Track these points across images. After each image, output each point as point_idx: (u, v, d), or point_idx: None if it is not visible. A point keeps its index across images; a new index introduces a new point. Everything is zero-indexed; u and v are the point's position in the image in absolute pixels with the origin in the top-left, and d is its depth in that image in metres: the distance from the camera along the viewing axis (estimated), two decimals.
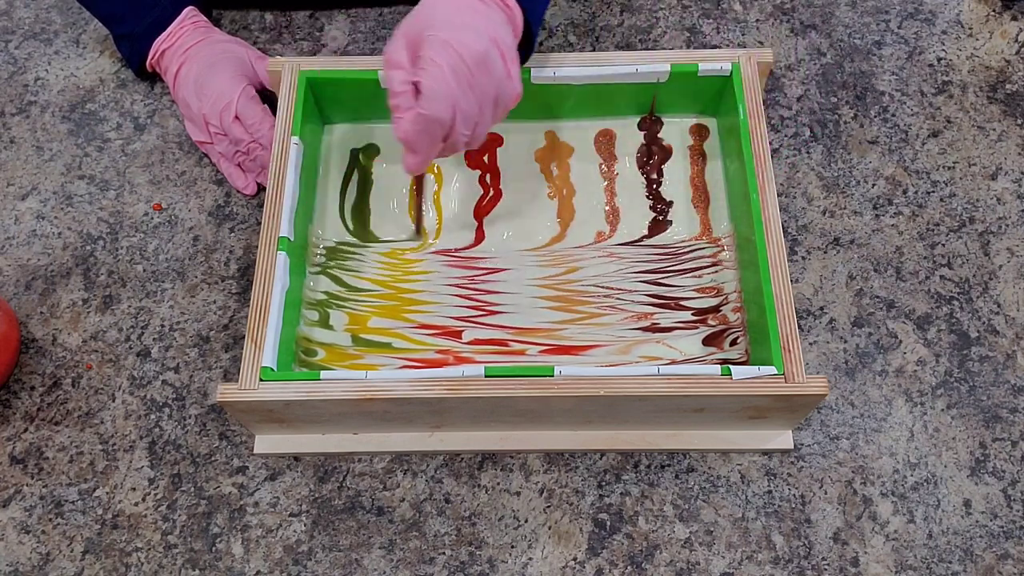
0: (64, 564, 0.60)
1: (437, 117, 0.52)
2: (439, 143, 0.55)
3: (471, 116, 0.54)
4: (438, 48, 0.51)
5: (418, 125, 0.53)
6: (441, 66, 0.51)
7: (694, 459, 0.62)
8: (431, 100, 0.52)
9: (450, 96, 0.52)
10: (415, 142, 0.54)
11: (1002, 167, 0.72)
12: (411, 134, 0.53)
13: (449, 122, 0.53)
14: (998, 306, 0.67)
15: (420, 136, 0.53)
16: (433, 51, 0.51)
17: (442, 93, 0.51)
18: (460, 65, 0.51)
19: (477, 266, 0.66)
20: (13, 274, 0.69)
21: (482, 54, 0.52)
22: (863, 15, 0.80)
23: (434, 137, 0.54)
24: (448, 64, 0.51)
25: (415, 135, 0.53)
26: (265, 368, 0.55)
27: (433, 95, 0.51)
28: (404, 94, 0.53)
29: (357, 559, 0.60)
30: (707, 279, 0.65)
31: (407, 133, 0.53)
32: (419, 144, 0.54)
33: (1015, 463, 0.62)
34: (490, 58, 0.52)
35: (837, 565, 0.59)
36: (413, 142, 0.54)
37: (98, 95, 0.77)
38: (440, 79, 0.51)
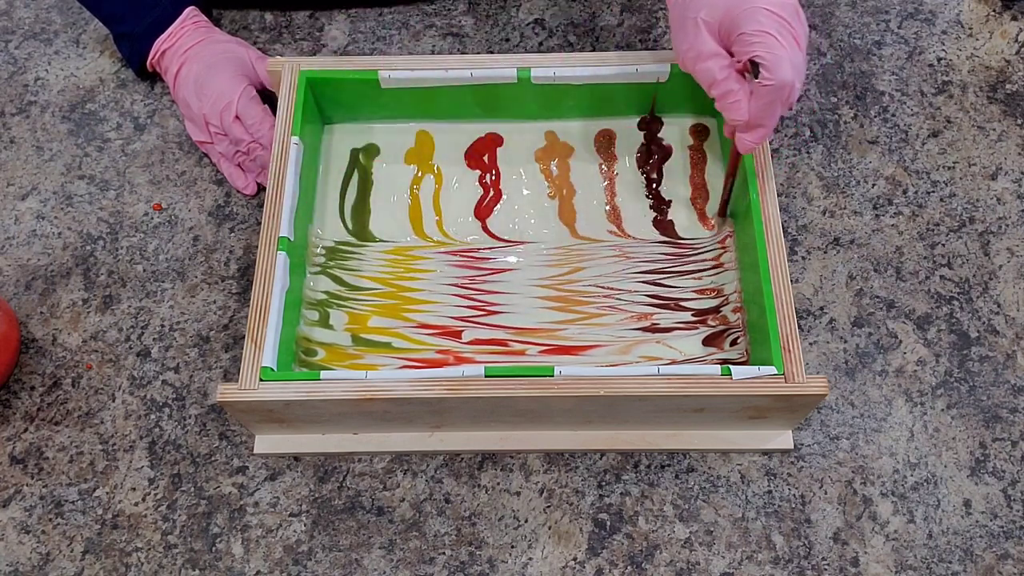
0: (64, 564, 0.60)
1: (784, 82, 0.51)
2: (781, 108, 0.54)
3: (803, 68, 0.53)
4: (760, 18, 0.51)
5: (766, 98, 0.52)
6: (771, 33, 0.51)
7: (694, 459, 0.62)
8: (776, 68, 0.51)
9: (790, 57, 0.51)
10: (762, 117, 0.54)
11: (1002, 167, 0.72)
12: (757, 110, 0.53)
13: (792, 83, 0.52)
14: (998, 306, 0.67)
15: (767, 108, 0.53)
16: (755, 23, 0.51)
17: (784, 57, 0.51)
18: (781, 25, 0.51)
19: (478, 266, 0.66)
20: (13, 274, 0.69)
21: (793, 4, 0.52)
22: (863, 15, 0.80)
23: (782, 103, 0.53)
24: (775, 28, 0.51)
25: (762, 109, 0.53)
26: (265, 368, 0.55)
27: (777, 62, 0.51)
28: (729, 79, 0.53)
29: (357, 559, 0.60)
30: (707, 280, 0.65)
31: (752, 112, 0.53)
32: (766, 117, 0.54)
33: (1015, 463, 0.62)
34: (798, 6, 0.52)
35: (837, 565, 0.59)
36: (760, 118, 0.54)
37: (98, 95, 0.77)
38: (776, 46, 0.51)
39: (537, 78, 0.65)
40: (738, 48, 0.53)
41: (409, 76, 0.65)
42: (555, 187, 0.69)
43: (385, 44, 0.79)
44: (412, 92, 0.67)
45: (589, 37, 0.79)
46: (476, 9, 0.81)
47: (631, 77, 0.66)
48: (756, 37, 0.51)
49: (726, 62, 0.54)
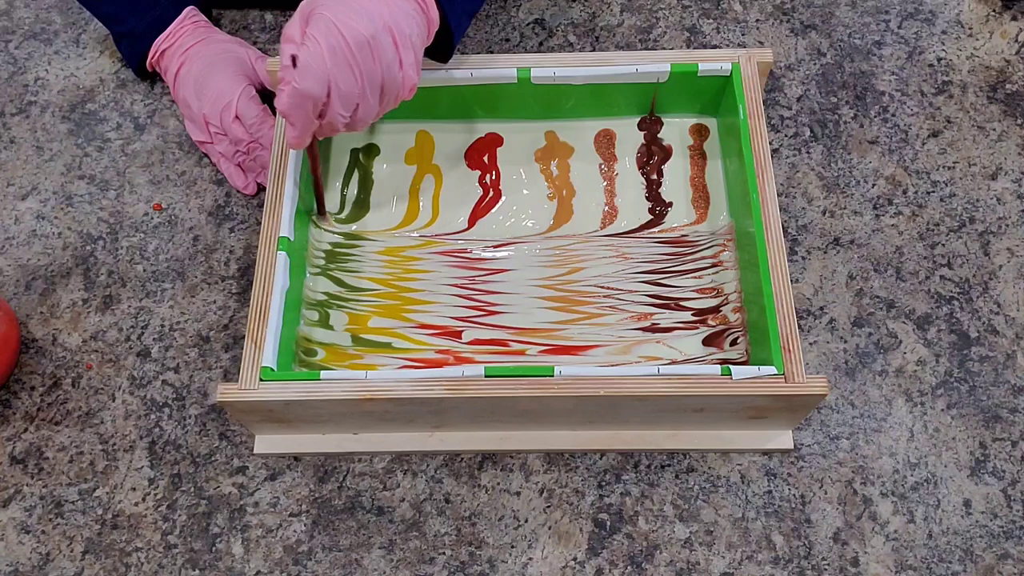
0: (64, 564, 0.60)
1: (309, 92, 0.52)
2: (313, 119, 0.55)
3: (351, 97, 0.54)
4: (321, 26, 0.52)
5: (292, 99, 0.53)
6: (319, 43, 0.52)
7: (694, 459, 0.62)
8: (304, 75, 0.52)
9: (324, 73, 0.52)
10: (290, 115, 0.54)
11: (1002, 167, 0.72)
12: (287, 107, 0.54)
13: (323, 99, 0.53)
14: (998, 306, 0.67)
15: (295, 110, 0.54)
16: (315, 28, 0.52)
17: (315, 70, 0.52)
18: (340, 45, 0.52)
19: (478, 267, 0.66)
20: (13, 274, 0.69)
21: (367, 38, 0.52)
22: (863, 15, 0.80)
23: (307, 112, 0.54)
24: (326, 42, 0.52)
25: (290, 108, 0.54)
26: (265, 368, 0.55)
27: (306, 70, 0.52)
28: (288, 68, 0.53)
29: (357, 559, 0.60)
30: (707, 280, 0.65)
31: (283, 105, 0.54)
32: (295, 118, 0.54)
33: (1015, 463, 0.62)
34: (378, 43, 0.53)
35: (837, 565, 0.59)
36: (289, 115, 0.54)
37: (98, 95, 0.77)
38: (315, 55, 0.52)
39: (537, 78, 0.65)
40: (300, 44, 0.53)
41: None
42: (555, 187, 0.69)
43: None
44: None
45: (589, 37, 0.79)
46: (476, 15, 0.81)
47: (631, 77, 0.66)
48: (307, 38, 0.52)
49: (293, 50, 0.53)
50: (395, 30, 0.54)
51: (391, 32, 0.53)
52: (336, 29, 0.52)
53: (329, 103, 0.54)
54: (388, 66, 0.54)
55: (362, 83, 0.54)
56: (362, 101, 0.55)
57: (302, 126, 0.55)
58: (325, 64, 0.52)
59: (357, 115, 0.56)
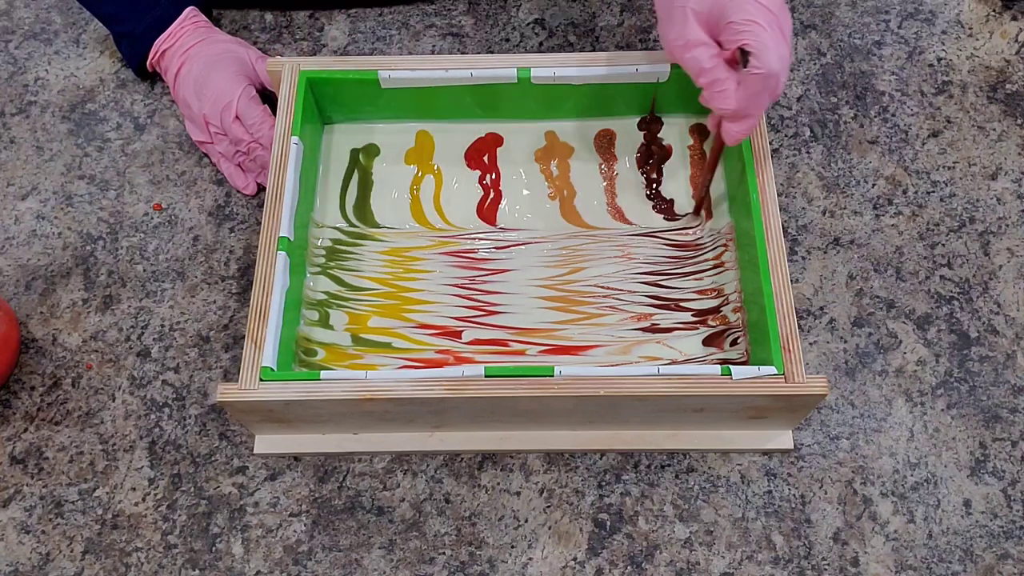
0: (64, 564, 0.60)
1: (773, 71, 0.52)
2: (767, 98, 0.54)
3: (788, 59, 0.53)
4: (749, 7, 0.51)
5: (754, 88, 0.52)
6: (759, 23, 0.51)
7: (694, 459, 0.62)
8: (765, 56, 0.51)
9: (777, 48, 0.52)
10: (750, 107, 0.54)
11: (1002, 167, 0.72)
12: (745, 100, 0.53)
13: (779, 73, 0.52)
14: (998, 306, 0.67)
15: (755, 98, 0.53)
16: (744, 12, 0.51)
17: (772, 47, 0.51)
18: (769, 15, 0.52)
19: (478, 267, 0.66)
20: (13, 274, 0.69)
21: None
22: (863, 15, 0.80)
23: (769, 93, 0.53)
24: (763, 18, 0.51)
25: (749, 99, 0.53)
26: (265, 368, 0.55)
27: (766, 51, 0.51)
28: (717, 67, 0.53)
29: (357, 559, 0.60)
30: (708, 281, 0.65)
31: (740, 101, 0.53)
32: (754, 107, 0.54)
33: (1015, 463, 0.62)
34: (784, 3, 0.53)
35: (837, 565, 0.59)
36: (747, 107, 0.54)
37: (98, 95, 0.77)
38: (765, 36, 0.51)
39: (537, 78, 0.65)
40: (726, 37, 0.53)
41: (409, 76, 0.65)
42: (555, 187, 0.69)
43: (385, 44, 0.79)
44: (412, 92, 0.67)
45: (589, 37, 0.79)
46: (476, 9, 0.81)
47: (631, 77, 0.66)
48: (745, 26, 0.52)
49: (714, 51, 0.54)
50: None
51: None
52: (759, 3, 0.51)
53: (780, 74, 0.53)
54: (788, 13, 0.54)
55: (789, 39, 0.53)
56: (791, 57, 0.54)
57: (759, 111, 0.55)
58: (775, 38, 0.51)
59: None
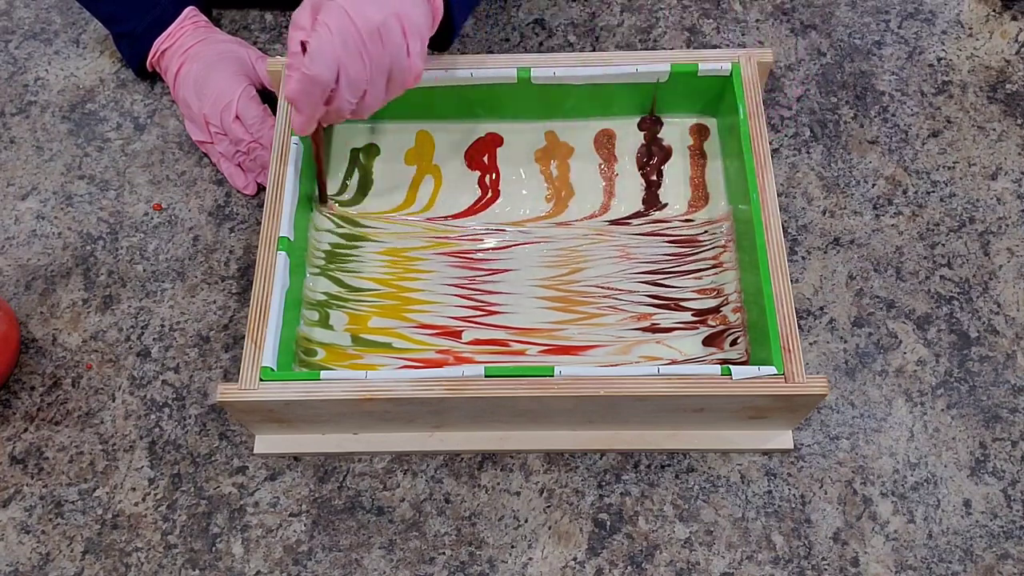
0: (64, 564, 0.60)
1: (319, 78, 0.53)
2: (321, 105, 0.56)
3: (358, 83, 0.54)
4: (332, 13, 0.53)
5: (301, 84, 0.54)
6: (330, 29, 0.52)
7: (694, 459, 0.62)
8: (314, 60, 0.53)
9: (334, 59, 0.53)
10: (298, 101, 0.55)
11: (1002, 167, 0.72)
12: (295, 93, 0.54)
13: (331, 84, 0.54)
14: (998, 306, 0.67)
15: (303, 95, 0.54)
16: (326, 15, 0.53)
17: (326, 55, 0.52)
18: (351, 31, 0.52)
19: (478, 267, 0.66)
20: (13, 274, 0.69)
21: (378, 24, 0.53)
22: (863, 15, 0.80)
23: (315, 98, 0.55)
24: (337, 28, 0.52)
25: (298, 94, 0.54)
26: (265, 368, 0.55)
27: (317, 56, 0.52)
28: (297, 54, 0.54)
29: (357, 559, 0.60)
30: (707, 280, 0.65)
31: (291, 91, 0.55)
32: (302, 103, 0.55)
33: (1015, 463, 0.62)
34: (387, 30, 0.53)
35: (837, 565, 0.59)
36: (297, 101, 0.55)
37: (98, 95, 0.77)
38: (326, 41, 0.52)
39: (537, 78, 0.65)
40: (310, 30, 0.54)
41: None
42: (555, 187, 0.69)
43: None
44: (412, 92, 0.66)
45: (589, 37, 0.79)
46: (476, 9, 0.81)
47: (631, 77, 0.66)
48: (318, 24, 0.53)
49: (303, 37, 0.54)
50: (404, 18, 0.54)
51: (400, 20, 0.54)
52: (347, 16, 0.52)
53: (337, 89, 0.54)
54: (396, 53, 0.55)
55: (371, 70, 0.54)
56: (370, 88, 0.55)
57: (309, 112, 0.56)
58: (335, 50, 0.52)
59: (364, 102, 0.56)
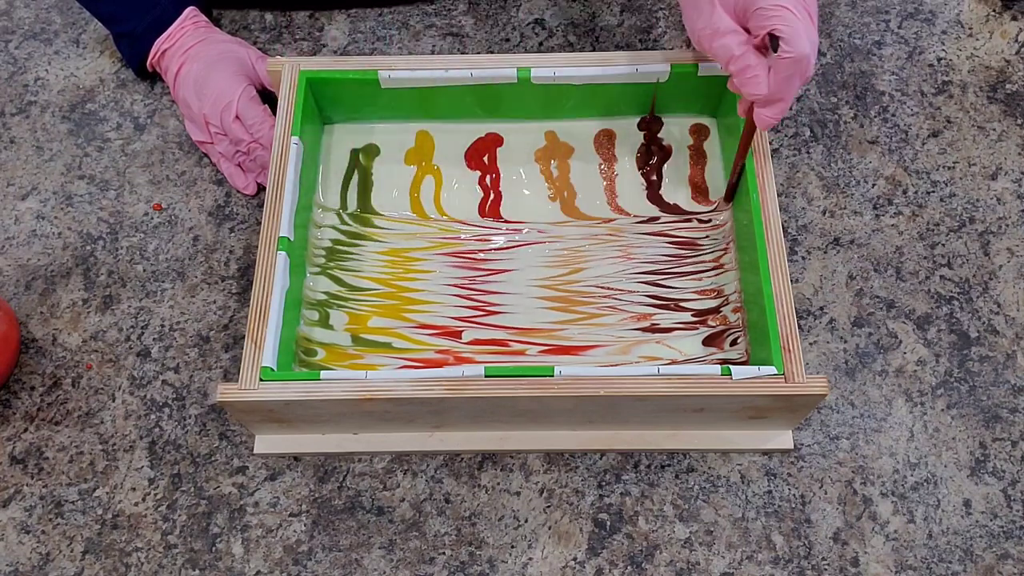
0: (64, 564, 0.60)
1: (803, 54, 0.52)
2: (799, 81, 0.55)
3: (817, 42, 0.54)
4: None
5: (785, 72, 0.53)
6: (787, 7, 0.52)
7: (694, 459, 0.62)
8: (795, 40, 0.52)
9: (806, 31, 0.52)
10: (781, 90, 0.54)
11: (1002, 167, 0.72)
12: (777, 83, 0.54)
13: (810, 56, 0.53)
14: (998, 306, 0.67)
15: (787, 82, 0.54)
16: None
17: (801, 31, 0.52)
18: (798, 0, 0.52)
19: (478, 267, 0.66)
20: (13, 274, 0.69)
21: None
22: (863, 15, 0.80)
23: (800, 76, 0.54)
24: (791, 2, 0.52)
25: (781, 83, 0.54)
26: (265, 368, 0.55)
27: (795, 35, 0.52)
28: (747, 54, 0.54)
29: (357, 559, 0.60)
30: (707, 281, 0.65)
31: (773, 85, 0.54)
32: (786, 90, 0.54)
33: (1015, 463, 0.62)
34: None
35: (837, 565, 0.59)
36: (779, 91, 0.54)
37: (98, 95, 0.77)
38: (794, 20, 0.52)
39: (537, 78, 0.65)
40: (755, 23, 0.53)
41: (409, 76, 0.65)
42: (555, 187, 0.69)
43: (385, 44, 0.79)
44: (412, 92, 0.67)
45: (589, 37, 0.79)
46: (476, 9, 0.81)
47: (631, 77, 0.66)
48: (774, 11, 0.52)
49: (743, 38, 0.55)
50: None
51: None
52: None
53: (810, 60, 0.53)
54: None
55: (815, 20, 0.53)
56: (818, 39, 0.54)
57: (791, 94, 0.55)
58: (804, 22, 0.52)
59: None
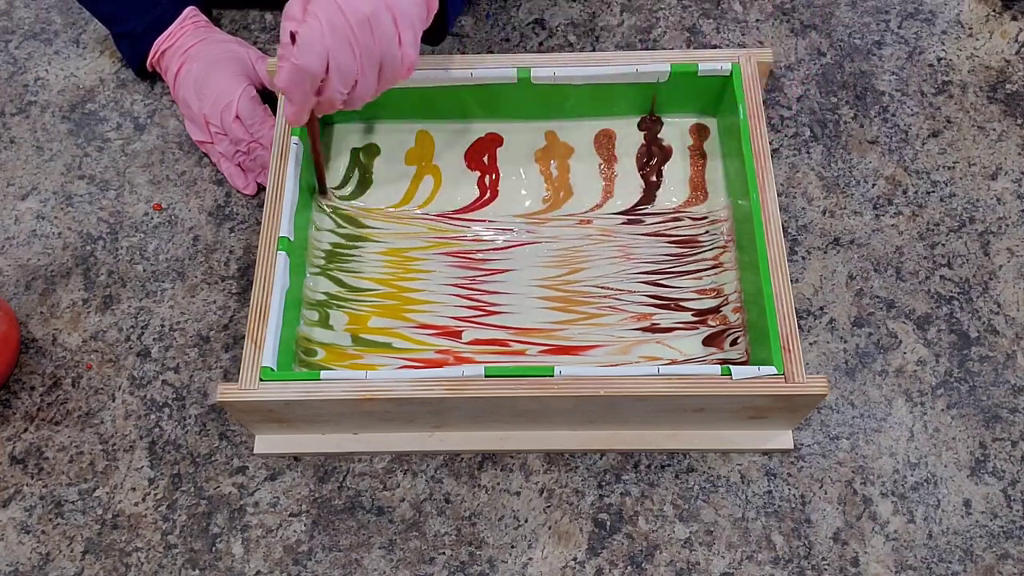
0: (64, 564, 0.60)
1: (308, 68, 0.53)
2: (312, 95, 0.56)
3: (349, 74, 0.54)
4: (322, 3, 0.52)
5: (291, 74, 0.54)
6: (319, 19, 0.52)
7: (694, 459, 0.62)
8: (303, 51, 0.52)
9: (323, 49, 0.53)
10: (289, 91, 0.55)
11: (1002, 167, 0.72)
12: (285, 83, 0.54)
13: (321, 75, 0.54)
14: (998, 306, 0.67)
15: (293, 86, 0.54)
16: (316, 6, 0.53)
17: (315, 45, 0.52)
18: (340, 21, 0.52)
19: (478, 267, 0.66)
20: (13, 274, 0.69)
21: (367, 15, 0.53)
22: (863, 15, 0.80)
23: (306, 88, 0.55)
24: (326, 18, 0.52)
25: (289, 84, 0.54)
26: (265, 368, 0.55)
27: (306, 46, 0.52)
28: (287, 45, 0.54)
29: (357, 559, 0.60)
30: (707, 280, 0.65)
31: (282, 82, 0.55)
32: (293, 94, 0.55)
33: (1015, 463, 0.62)
34: (378, 20, 0.53)
35: (837, 565, 0.59)
36: (288, 91, 0.55)
37: (98, 95, 0.77)
38: (315, 31, 0.52)
39: (537, 78, 0.65)
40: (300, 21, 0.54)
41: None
42: (555, 188, 0.69)
43: None
44: (412, 92, 0.67)
45: (589, 37, 0.79)
46: (476, 9, 0.81)
47: (631, 77, 0.66)
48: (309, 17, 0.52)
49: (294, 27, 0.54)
50: (395, 8, 0.54)
51: (391, 10, 0.54)
52: (336, 6, 0.52)
53: (328, 79, 0.54)
54: (387, 44, 0.55)
55: (361, 60, 0.54)
56: (360, 78, 0.55)
57: (300, 102, 0.56)
58: (324, 40, 0.52)
59: (355, 92, 0.56)
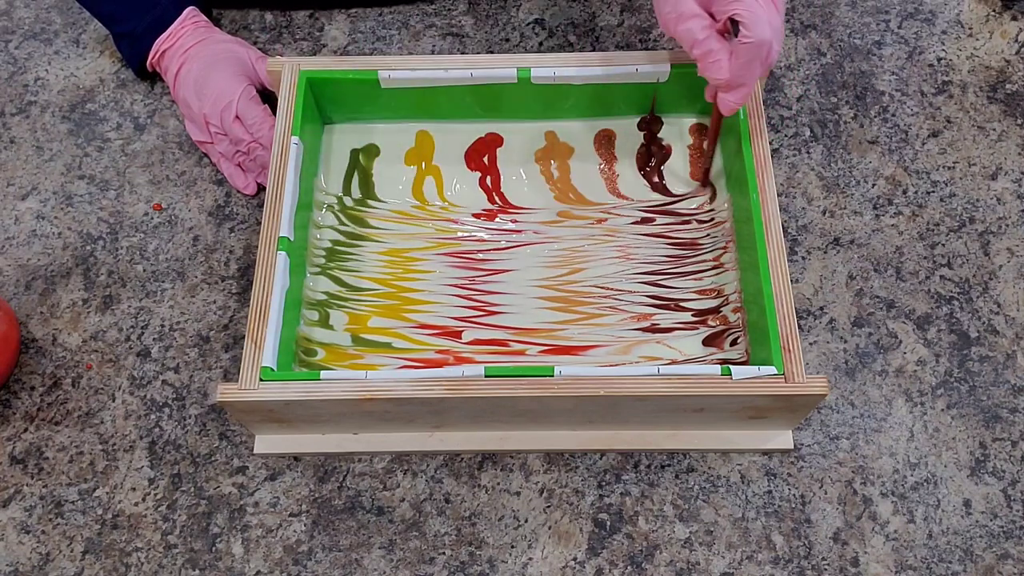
0: (64, 564, 0.60)
1: (763, 40, 0.52)
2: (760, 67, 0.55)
3: (781, 28, 0.54)
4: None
5: (745, 56, 0.53)
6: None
7: (694, 459, 0.62)
8: (755, 26, 0.52)
9: (768, 17, 0.52)
10: (742, 76, 0.55)
11: (1002, 167, 0.72)
12: (738, 68, 0.54)
13: (771, 42, 0.53)
14: (998, 306, 0.67)
15: (747, 67, 0.54)
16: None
17: (762, 16, 0.52)
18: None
19: (478, 267, 0.66)
20: (13, 274, 0.69)
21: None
22: (863, 15, 0.80)
23: (760, 62, 0.54)
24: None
25: (742, 68, 0.54)
26: (265, 368, 0.55)
27: (755, 20, 0.52)
28: (710, 38, 0.54)
29: (357, 559, 0.60)
30: (707, 281, 0.65)
31: (734, 69, 0.54)
32: (747, 76, 0.55)
33: (1015, 463, 0.62)
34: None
35: (837, 565, 0.59)
36: (740, 76, 0.55)
37: (98, 95, 0.77)
38: (755, 5, 0.52)
39: (537, 78, 0.65)
40: (718, 8, 0.54)
41: (409, 76, 0.65)
42: (555, 188, 0.69)
43: (385, 44, 0.79)
44: (412, 92, 0.67)
45: (589, 37, 0.79)
46: (476, 9, 0.81)
47: (631, 77, 0.66)
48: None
49: (707, 22, 0.55)
50: None
51: None
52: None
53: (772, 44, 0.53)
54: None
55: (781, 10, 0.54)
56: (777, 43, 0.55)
57: (752, 80, 0.55)
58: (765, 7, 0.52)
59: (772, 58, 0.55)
